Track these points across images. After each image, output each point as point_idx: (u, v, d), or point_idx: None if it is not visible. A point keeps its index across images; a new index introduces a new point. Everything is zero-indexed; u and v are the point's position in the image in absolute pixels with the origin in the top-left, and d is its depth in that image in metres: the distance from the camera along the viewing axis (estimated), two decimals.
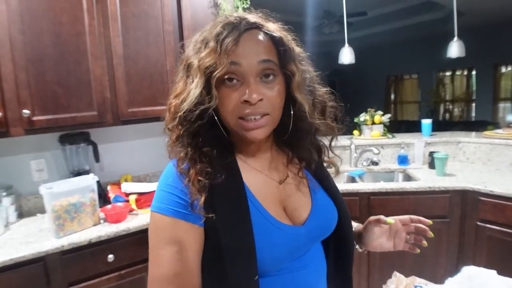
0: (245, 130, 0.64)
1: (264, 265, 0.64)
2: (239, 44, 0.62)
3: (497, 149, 2.48)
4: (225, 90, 0.63)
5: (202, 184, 0.63)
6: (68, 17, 1.69)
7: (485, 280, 0.90)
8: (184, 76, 0.66)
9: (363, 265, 2.18)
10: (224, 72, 0.61)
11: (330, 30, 6.00)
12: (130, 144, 2.31)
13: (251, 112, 0.63)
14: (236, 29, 0.63)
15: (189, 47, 0.68)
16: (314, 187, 0.78)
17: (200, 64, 0.62)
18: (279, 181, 0.74)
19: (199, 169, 0.64)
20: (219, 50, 0.61)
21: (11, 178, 1.90)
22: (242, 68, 0.62)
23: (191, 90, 0.62)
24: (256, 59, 0.63)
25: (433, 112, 8.03)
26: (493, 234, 1.92)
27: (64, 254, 1.49)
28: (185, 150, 0.66)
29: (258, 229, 0.64)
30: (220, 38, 0.61)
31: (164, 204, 0.64)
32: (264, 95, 0.63)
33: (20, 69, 1.57)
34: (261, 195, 0.69)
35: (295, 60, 0.68)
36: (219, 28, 0.63)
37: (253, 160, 0.73)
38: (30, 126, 1.62)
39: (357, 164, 2.72)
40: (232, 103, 0.63)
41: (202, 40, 0.65)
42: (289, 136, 0.74)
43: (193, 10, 2.09)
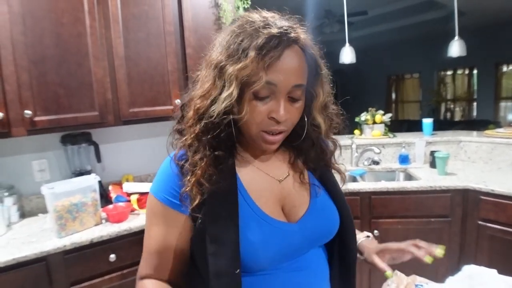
0: (264, 142, 0.68)
1: (249, 259, 0.65)
2: (279, 62, 0.62)
3: (498, 148, 2.48)
4: (254, 102, 0.65)
5: (202, 188, 0.65)
6: (69, 18, 1.70)
7: (486, 279, 0.90)
8: (214, 78, 0.66)
9: (363, 264, 2.18)
10: (259, 88, 0.62)
11: (331, 29, 5.99)
12: (131, 144, 2.32)
13: (276, 129, 0.67)
14: (280, 44, 0.62)
15: (218, 46, 0.68)
16: (315, 188, 0.78)
17: (237, 74, 0.62)
18: (279, 180, 0.76)
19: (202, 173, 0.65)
20: (260, 64, 0.61)
21: (13, 178, 1.90)
22: (277, 88, 0.63)
23: (225, 98, 0.63)
24: (292, 82, 0.64)
25: (434, 111, 8.02)
26: (494, 234, 1.92)
27: (66, 254, 1.50)
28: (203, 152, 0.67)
29: (245, 223, 0.66)
30: (262, 52, 0.61)
31: (160, 191, 0.70)
32: (290, 114, 0.66)
33: (22, 70, 1.58)
34: (256, 192, 0.71)
35: (322, 82, 0.71)
36: (262, 39, 0.61)
37: (256, 159, 0.76)
38: (32, 127, 1.63)
39: (358, 164, 2.72)
40: (260, 116, 0.65)
41: (240, 44, 0.63)
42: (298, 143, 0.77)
43: (194, 11, 2.10)
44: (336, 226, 0.78)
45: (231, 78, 0.62)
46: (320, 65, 0.70)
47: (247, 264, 0.65)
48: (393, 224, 2.11)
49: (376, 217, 2.13)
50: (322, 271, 0.78)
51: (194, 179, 0.65)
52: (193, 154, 0.68)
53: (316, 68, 0.69)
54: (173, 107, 2.04)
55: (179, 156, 0.70)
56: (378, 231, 2.11)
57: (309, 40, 0.69)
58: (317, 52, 0.70)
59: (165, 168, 0.72)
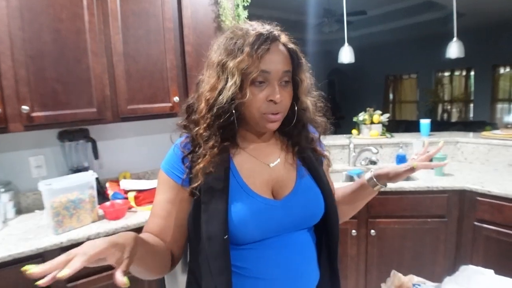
0: (266, 122, 0.80)
1: (236, 228, 0.77)
2: (269, 53, 0.77)
3: (495, 149, 2.50)
4: (254, 89, 0.78)
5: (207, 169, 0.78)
6: (68, 14, 1.69)
7: (483, 280, 0.90)
8: (218, 74, 0.79)
9: (360, 263, 2.19)
10: (256, 75, 0.76)
11: (330, 29, 5.99)
12: (129, 141, 2.31)
13: (274, 109, 0.79)
14: (267, 40, 0.77)
15: (216, 50, 0.83)
16: (301, 173, 0.89)
17: (237, 66, 0.75)
18: (268, 164, 0.88)
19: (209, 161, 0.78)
20: (254, 56, 0.75)
21: (10, 174, 1.89)
22: (270, 75, 0.78)
23: (230, 86, 0.76)
24: (281, 69, 0.79)
25: (431, 112, 8.05)
26: (490, 234, 1.93)
27: (63, 251, 1.48)
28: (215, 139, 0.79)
29: (234, 197, 0.79)
30: (254, 47, 0.75)
31: (167, 167, 0.85)
32: (283, 97, 0.80)
33: (20, 65, 1.57)
34: (247, 173, 0.84)
35: (304, 70, 0.85)
36: (253, 38, 0.76)
37: (251, 147, 0.88)
38: (29, 122, 1.62)
39: (356, 163, 2.73)
40: (260, 101, 0.79)
41: (236, 44, 0.78)
42: (290, 128, 0.89)
43: (194, 8, 2.09)
44: (320, 208, 0.87)
45: (233, 71, 0.76)
46: (300, 55, 0.84)
47: (234, 232, 0.77)
48: (390, 224, 2.12)
49: (373, 217, 2.13)
50: (309, 252, 0.87)
51: (203, 164, 0.78)
52: (204, 142, 0.80)
53: (298, 58, 0.83)
54: (171, 104, 2.04)
55: (183, 145, 0.84)
56: (375, 230, 2.12)
57: (288, 37, 0.84)
58: (296, 46, 0.84)
59: (172, 151, 0.86)
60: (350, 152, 2.73)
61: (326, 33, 6.26)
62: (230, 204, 0.78)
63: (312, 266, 0.87)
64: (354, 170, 2.59)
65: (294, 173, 0.89)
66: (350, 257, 2.18)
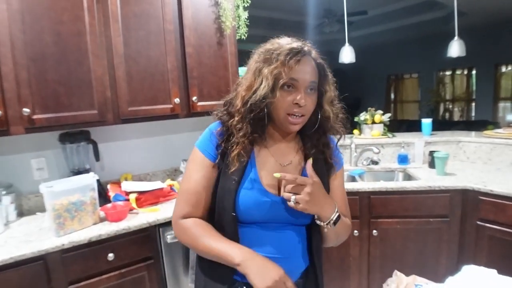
0: (290, 124, 0.94)
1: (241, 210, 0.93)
2: (299, 64, 0.91)
3: (497, 148, 2.49)
4: (283, 93, 0.92)
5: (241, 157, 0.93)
6: (69, 16, 1.69)
7: (486, 280, 0.90)
8: (254, 77, 0.94)
9: (363, 264, 2.18)
10: (286, 81, 0.90)
11: (331, 29, 5.99)
12: (130, 143, 2.31)
13: (298, 112, 0.92)
14: (299, 53, 0.91)
15: (256, 58, 0.97)
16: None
17: (271, 71, 0.90)
18: (281, 164, 1.00)
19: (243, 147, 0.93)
20: (286, 65, 0.89)
21: (11, 176, 1.90)
22: (298, 83, 0.91)
23: (263, 87, 0.90)
24: (309, 79, 0.92)
25: (433, 111, 8.03)
26: (494, 234, 1.92)
27: (65, 253, 1.50)
28: (246, 129, 0.94)
29: (245, 184, 0.94)
30: (287, 58, 0.90)
31: (203, 148, 0.98)
32: (307, 102, 0.92)
33: (21, 68, 1.57)
34: (262, 168, 0.98)
35: (329, 82, 0.99)
36: (286, 50, 0.91)
37: (273, 146, 1.01)
38: (31, 125, 1.62)
39: (357, 163, 2.72)
40: (286, 102, 0.92)
41: (272, 54, 0.92)
42: (313, 132, 1.02)
43: (194, 9, 2.09)
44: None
45: (267, 75, 0.90)
46: (326, 70, 0.98)
47: (239, 212, 0.93)
48: (392, 224, 2.11)
49: (375, 217, 2.13)
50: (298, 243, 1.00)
51: (237, 151, 0.93)
52: (238, 131, 0.94)
53: (324, 71, 0.97)
54: (172, 106, 2.04)
55: (219, 133, 0.98)
56: (377, 231, 2.11)
57: (318, 53, 0.98)
58: (323, 61, 0.98)
59: (208, 136, 1.00)
60: (351, 152, 2.72)
61: (327, 34, 6.26)
62: (241, 188, 0.93)
63: (299, 255, 1.00)
64: (355, 170, 2.58)
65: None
66: (352, 258, 2.18)
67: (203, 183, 0.96)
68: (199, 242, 0.92)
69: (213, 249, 0.90)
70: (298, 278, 1.01)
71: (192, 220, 0.96)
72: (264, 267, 0.84)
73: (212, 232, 0.94)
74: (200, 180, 0.96)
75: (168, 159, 2.45)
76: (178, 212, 0.98)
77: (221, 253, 0.88)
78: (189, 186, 0.98)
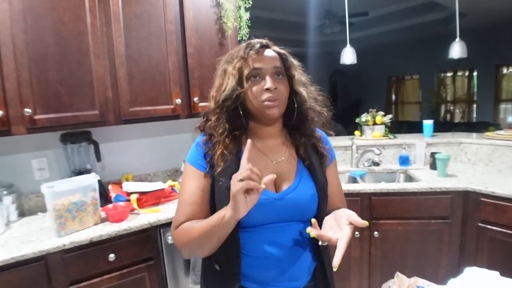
0: (267, 108, 0.93)
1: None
2: (259, 55, 0.95)
3: (499, 150, 2.48)
4: (252, 84, 0.95)
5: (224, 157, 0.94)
6: (71, 16, 1.69)
7: (488, 282, 0.90)
8: (222, 78, 0.99)
9: (364, 265, 2.18)
10: (250, 71, 0.93)
11: (332, 30, 5.99)
12: (131, 143, 2.32)
13: (270, 97, 0.93)
14: (256, 45, 0.96)
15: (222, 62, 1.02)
16: (301, 170, 1.01)
17: (234, 66, 0.95)
18: (273, 161, 1.00)
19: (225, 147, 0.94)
20: (246, 57, 0.94)
21: (13, 176, 1.90)
22: (262, 71, 0.94)
23: (229, 83, 0.95)
24: (271, 65, 0.95)
25: (434, 113, 8.03)
26: (495, 236, 1.92)
27: (66, 253, 1.50)
28: (224, 126, 0.96)
29: None
30: (246, 51, 0.95)
31: (192, 160, 1.00)
32: (277, 85, 0.94)
33: (23, 68, 1.57)
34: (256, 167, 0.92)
35: (295, 67, 1.01)
36: (245, 46, 0.97)
37: (260, 144, 1.02)
38: (32, 125, 1.62)
39: (359, 165, 2.72)
40: (257, 91, 0.94)
41: (233, 55, 0.98)
42: (295, 120, 1.02)
43: (196, 10, 2.09)
44: (314, 204, 0.99)
45: (231, 71, 0.95)
46: (289, 56, 1.00)
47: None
48: (393, 225, 2.11)
49: (376, 218, 2.12)
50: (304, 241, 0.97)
51: (220, 151, 0.94)
52: (216, 131, 0.96)
53: (287, 58, 0.99)
54: (173, 107, 2.04)
55: (204, 142, 0.99)
56: (378, 232, 2.11)
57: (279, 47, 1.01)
58: (285, 50, 1.00)
59: (195, 149, 1.02)
60: (352, 153, 2.72)
61: (328, 35, 6.26)
62: None
63: (308, 253, 0.98)
64: (357, 171, 2.58)
65: (294, 170, 1.01)
66: (353, 259, 2.17)
67: (197, 193, 0.97)
68: (194, 228, 0.90)
69: (205, 224, 0.87)
70: (308, 281, 0.99)
71: (186, 223, 0.95)
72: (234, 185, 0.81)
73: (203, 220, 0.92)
74: (194, 190, 0.97)
75: (169, 160, 2.45)
76: (174, 224, 0.98)
77: (212, 220, 0.86)
78: (183, 198, 0.98)
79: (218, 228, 0.85)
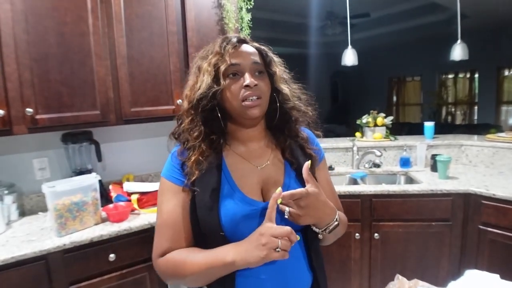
0: (247, 108, 0.85)
1: (228, 226, 0.82)
2: (237, 50, 0.87)
3: (500, 152, 2.48)
4: (230, 82, 0.86)
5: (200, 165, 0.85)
6: (73, 17, 1.69)
7: (488, 285, 0.89)
8: (196, 76, 0.90)
9: (364, 267, 2.18)
10: (227, 67, 0.84)
11: (333, 31, 5.99)
12: (132, 143, 2.32)
13: (250, 94, 0.85)
14: (233, 39, 0.89)
15: (196, 59, 0.93)
16: (289, 174, 0.93)
17: (209, 62, 0.86)
18: (258, 167, 0.92)
19: (201, 152, 0.86)
20: (222, 52, 0.86)
21: (14, 176, 1.90)
22: (241, 67, 0.86)
23: (204, 80, 0.86)
24: (250, 60, 0.87)
25: (435, 114, 8.01)
26: (496, 238, 1.91)
27: (66, 253, 1.50)
28: (199, 129, 0.87)
29: (224, 196, 0.85)
30: (222, 46, 0.87)
31: (167, 173, 0.90)
32: (258, 82, 0.86)
33: (24, 68, 1.58)
34: (238, 175, 0.89)
35: (275, 63, 0.93)
36: (221, 40, 0.89)
37: (241, 148, 0.93)
38: (33, 125, 1.63)
39: (359, 166, 2.72)
40: (236, 90, 0.85)
41: (208, 51, 0.90)
42: (278, 120, 0.95)
43: (197, 11, 2.09)
44: None
45: (206, 68, 0.87)
46: (269, 52, 0.93)
47: (227, 229, 0.82)
48: (394, 227, 2.10)
49: (377, 220, 2.12)
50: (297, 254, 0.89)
51: (194, 157, 0.85)
52: (190, 134, 0.87)
53: (267, 53, 0.92)
54: (175, 107, 2.04)
55: (180, 153, 0.90)
56: (378, 234, 2.10)
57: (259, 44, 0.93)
58: (264, 46, 0.93)
59: (170, 160, 0.92)
60: (353, 154, 2.72)
61: (329, 36, 6.26)
62: (221, 203, 0.84)
63: (302, 268, 0.90)
64: (357, 173, 2.58)
65: (282, 174, 0.92)
66: (353, 261, 2.17)
67: (178, 212, 0.86)
68: (187, 265, 0.81)
69: (203, 262, 0.79)
70: None
71: (173, 252, 0.85)
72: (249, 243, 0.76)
73: (197, 250, 0.84)
74: (173, 209, 0.86)
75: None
76: (156, 250, 0.88)
77: (212, 260, 0.78)
78: (162, 219, 0.88)
79: (218, 270, 0.78)
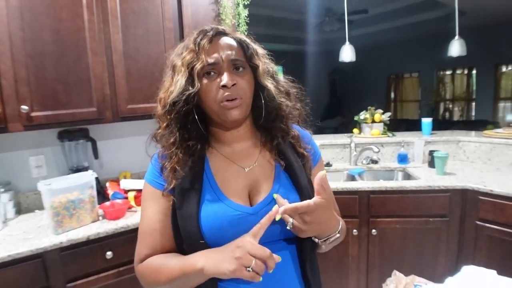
0: (226, 110, 0.77)
1: (210, 233, 0.76)
2: (213, 45, 0.78)
3: (497, 148, 2.48)
4: (206, 82, 0.78)
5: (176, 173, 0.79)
6: (68, 13, 1.68)
7: (485, 280, 0.90)
8: (171, 76, 0.82)
9: (362, 263, 2.18)
10: (203, 66, 0.76)
11: (331, 28, 5.97)
12: (129, 141, 2.31)
13: (229, 95, 0.77)
14: (209, 33, 0.80)
15: (172, 57, 0.84)
16: (279, 177, 0.84)
17: (183, 61, 0.78)
18: (244, 168, 0.84)
19: (177, 161, 0.80)
20: (197, 49, 0.78)
21: (10, 174, 1.89)
22: (218, 65, 0.77)
23: (178, 82, 0.78)
24: (228, 56, 0.78)
25: (433, 111, 8.02)
26: (493, 234, 1.92)
27: (63, 251, 1.49)
28: (174, 136, 0.80)
29: (207, 202, 0.79)
30: (197, 41, 0.78)
31: (149, 177, 0.86)
32: (237, 81, 0.78)
33: (20, 65, 1.56)
34: (222, 178, 0.82)
35: (258, 56, 0.84)
36: (195, 34, 0.81)
37: (226, 149, 0.86)
38: (29, 122, 1.61)
39: (357, 163, 2.72)
40: (213, 90, 0.78)
41: (183, 47, 0.82)
42: (264, 120, 0.86)
43: (194, 7, 2.08)
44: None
45: (180, 67, 0.78)
46: (251, 43, 0.84)
47: (208, 236, 0.76)
48: (392, 223, 2.11)
49: (375, 216, 2.12)
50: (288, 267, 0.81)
51: (170, 166, 0.80)
52: (167, 141, 0.81)
53: (248, 46, 0.82)
54: None
55: (161, 156, 0.85)
56: (376, 230, 2.11)
57: (241, 35, 0.85)
58: (245, 37, 0.85)
59: (151, 163, 0.88)
60: (351, 151, 2.72)
61: (327, 32, 6.24)
62: (202, 208, 0.78)
63: (292, 280, 0.81)
64: (355, 169, 2.58)
65: (271, 177, 0.84)
66: (351, 257, 2.17)
67: (157, 219, 0.82)
68: (162, 271, 0.77)
69: (176, 268, 0.75)
70: None
71: (151, 258, 0.82)
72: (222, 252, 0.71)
73: (174, 256, 0.80)
74: (154, 216, 0.82)
75: None
76: (136, 257, 0.86)
77: (185, 266, 0.74)
78: (143, 226, 0.85)
79: (190, 277, 0.74)
